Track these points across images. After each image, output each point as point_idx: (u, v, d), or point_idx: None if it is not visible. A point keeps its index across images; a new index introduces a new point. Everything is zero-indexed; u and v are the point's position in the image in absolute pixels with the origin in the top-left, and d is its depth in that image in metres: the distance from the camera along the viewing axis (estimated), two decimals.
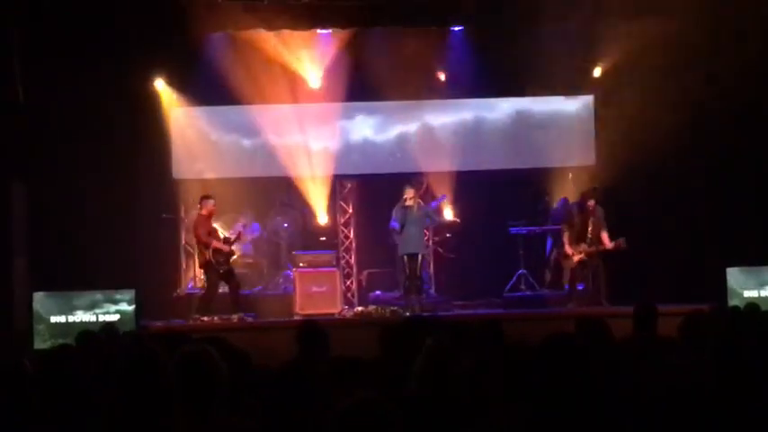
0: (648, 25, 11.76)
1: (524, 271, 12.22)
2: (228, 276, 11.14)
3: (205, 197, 11.19)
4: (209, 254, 10.94)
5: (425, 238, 12.08)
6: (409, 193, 11.22)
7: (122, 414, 3.24)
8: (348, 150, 13.06)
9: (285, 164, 13.00)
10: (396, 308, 11.26)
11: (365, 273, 12.83)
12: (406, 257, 11.21)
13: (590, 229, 11.26)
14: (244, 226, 11.84)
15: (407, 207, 11.17)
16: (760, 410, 3.51)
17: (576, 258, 11.34)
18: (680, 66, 11.73)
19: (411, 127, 13.20)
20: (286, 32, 12.10)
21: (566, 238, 11.46)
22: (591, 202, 11.27)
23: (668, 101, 11.66)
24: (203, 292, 11.30)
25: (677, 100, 11.53)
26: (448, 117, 13.22)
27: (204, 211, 11.11)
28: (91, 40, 11.24)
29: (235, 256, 11.30)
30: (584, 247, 11.28)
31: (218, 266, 10.96)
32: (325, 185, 12.96)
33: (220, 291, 11.48)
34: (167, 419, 3.20)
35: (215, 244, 10.93)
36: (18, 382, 3.73)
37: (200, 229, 11.05)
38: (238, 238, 11.39)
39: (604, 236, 11.25)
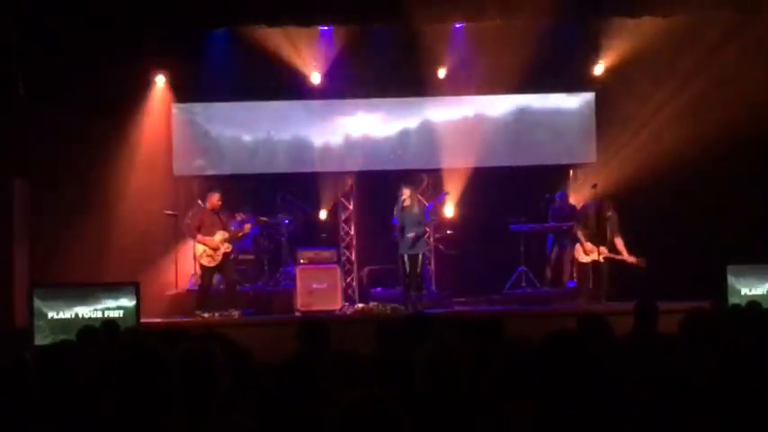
0: (650, 23, 11.78)
1: (524, 268, 12.22)
2: (222, 271, 11.15)
3: (210, 190, 11.26)
4: (195, 247, 11.01)
5: (425, 235, 12.07)
6: (406, 193, 11.22)
7: (123, 410, 3.24)
8: (349, 147, 13.05)
9: (286, 160, 13.01)
10: (396, 305, 11.27)
11: (366, 269, 12.83)
12: (406, 257, 11.23)
13: (609, 233, 11.29)
14: (244, 220, 11.81)
15: (405, 207, 11.19)
16: (760, 407, 3.51)
17: (591, 258, 11.33)
18: (681, 64, 11.73)
19: (412, 123, 13.19)
20: (287, 29, 12.08)
21: (582, 236, 11.44)
22: (610, 213, 11.28)
23: (669, 99, 11.66)
24: (198, 287, 11.36)
25: (678, 98, 11.53)
26: (449, 114, 13.20)
27: (208, 204, 11.18)
28: (91, 37, 11.23)
29: (221, 251, 11.14)
30: (603, 250, 11.28)
31: (201, 260, 11.02)
32: (327, 182, 12.95)
33: (221, 287, 11.50)
34: (167, 416, 3.20)
35: (199, 238, 10.98)
36: (19, 378, 3.73)
37: (191, 220, 11.19)
38: (243, 232, 11.42)
39: (619, 242, 11.28)
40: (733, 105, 11.39)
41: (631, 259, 11.18)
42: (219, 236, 11.03)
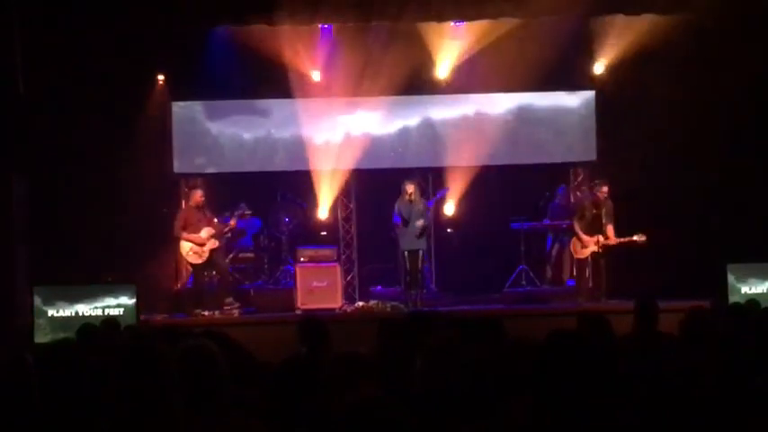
0: (649, 20, 11.79)
1: (525, 266, 12.22)
2: (213, 266, 11.21)
3: (192, 187, 11.26)
4: (180, 246, 11.05)
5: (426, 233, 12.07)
6: (410, 188, 11.29)
7: (122, 409, 3.24)
8: (349, 145, 13.04)
9: (286, 158, 13.02)
10: (396, 303, 11.28)
11: (366, 268, 12.84)
12: (407, 253, 11.24)
13: (603, 221, 11.23)
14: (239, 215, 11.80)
15: (411, 203, 11.23)
16: (759, 406, 3.51)
17: (589, 250, 11.29)
18: (681, 62, 11.72)
19: (412, 122, 13.19)
20: (287, 27, 12.08)
21: (578, 228, 11.40)
22: (604, 189, 11.20)
23: (669, 97, 11.66)
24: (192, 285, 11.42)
25: (678, 96, 11.53)
26: (449, 112, 13.20)
27: (191, 202, 11.21)
28: (92, 34, 11.23)
29: (208, 247, 11.12)
30: (600, 239, 11.23)
31: (188, 258, 11.09)
32: (327, 180, 12.95)
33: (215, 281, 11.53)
34: (167, 415, 3.20)
35: (184, 236, 11.00)
36: (19, 376, 3.73)
37: (176, 220, 11.21)
38: (229, 227, 11.40)
39: (610, 229, 11.24)
40: (733, 102, 11.38)
41: (626, 240, 11.12)
42: (205, 232, 11.05)
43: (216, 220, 11.30)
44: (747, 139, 11.64)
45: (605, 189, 11.22)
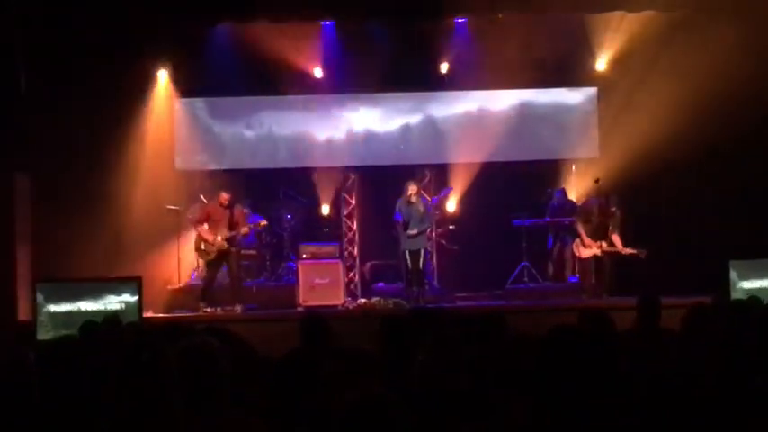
0: (652, 17, 11.78)
1: (527, 263, 12.21)
2: (224, 264, 11.19)
3: (220, 188, 11.30)
4: (196, 239, 11.13)
5: (428, 231, 12.05)
6: (412, 189, 11.27)
7: (124, 406, 3.24)
8: (351, 142, 13.06)
9: (288, 155, 13.02)
10: (399, 300, 11.27)
11: (368, 264, 12.84)
12: (408, 252, 11.24)
13: (609, 229, 11.30)
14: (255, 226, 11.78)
15: (411, 204, 11.22)
16: (760, 403, 3.51)
17: (590, 253, 11.35)
18: (683, 58, 11.71)
19: (414, 119, 13.19)
20: (289, 24, 12.07)
21: (582, 231, 11.45)
22: (614, 209, 11.30)
23: (671, 94, 11.65)
24: (202, 280, 11.43)
25: (680, 93, 11.51)
26: (451, 109, 13.20)
27: (217, 200, 11.19)
28: (94, 31, 11.22)
29: (216, 247, 11.11)
30: (602, 244, 11.29)
31: (199, 254, 11.22)
32: (329, 177, 12.96)
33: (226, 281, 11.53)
34: (169, 411, 3.20)
35: (200, 230, 11.04)
36: (21, 373, 3.73)
37: (197, 212, 11.31)
38: (240, 233, 11.36)
39: (616, 238, 11.30)
40: (735, 100, 11.36)
41: (629, 251, 11.18)
42: (219, 234, 11.01)
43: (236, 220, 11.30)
44: (750, 134, 11.61)
45: (615, 201, 11.30)
